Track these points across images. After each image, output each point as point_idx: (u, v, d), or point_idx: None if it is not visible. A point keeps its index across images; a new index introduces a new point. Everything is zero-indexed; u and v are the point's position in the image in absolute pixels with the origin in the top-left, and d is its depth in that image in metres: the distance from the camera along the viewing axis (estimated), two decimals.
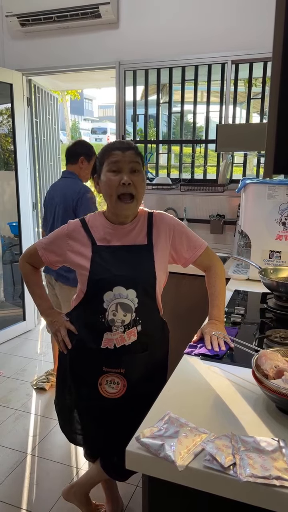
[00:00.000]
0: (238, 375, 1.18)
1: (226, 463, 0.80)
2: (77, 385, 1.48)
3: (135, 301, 1.35)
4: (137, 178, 1.33)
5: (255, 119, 3.25)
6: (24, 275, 1.56)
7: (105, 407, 1.44)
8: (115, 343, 1.37)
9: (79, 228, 1.42)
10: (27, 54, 3.42)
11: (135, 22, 3.03)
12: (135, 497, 1.89)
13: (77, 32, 3.21)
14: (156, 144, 3.30)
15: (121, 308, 1.35)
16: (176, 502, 0.90)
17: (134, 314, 1.35)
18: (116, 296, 1.34)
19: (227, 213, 3.02)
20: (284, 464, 0.80)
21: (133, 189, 1.32)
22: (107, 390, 1.41)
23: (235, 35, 2.78)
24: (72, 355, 1.47)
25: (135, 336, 1.37)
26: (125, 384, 1.40)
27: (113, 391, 1.41)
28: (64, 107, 14.84)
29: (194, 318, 1.64)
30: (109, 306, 1.35)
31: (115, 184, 1.31)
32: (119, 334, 1.36)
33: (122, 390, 1.41)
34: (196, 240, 1.47)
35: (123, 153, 1.31)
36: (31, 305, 3.79)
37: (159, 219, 1.43)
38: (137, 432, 0.90)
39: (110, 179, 1.31)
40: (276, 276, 1.84)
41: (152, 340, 1.43)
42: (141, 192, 1.35)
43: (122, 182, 1.30)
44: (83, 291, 1.40)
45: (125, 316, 1.35)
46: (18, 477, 2.03)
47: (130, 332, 1.36)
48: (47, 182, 3.96)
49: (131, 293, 1.34)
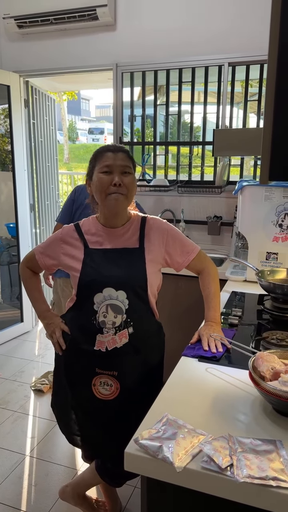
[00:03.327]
0: (235, 376, 1.19)
1: (223, 464, 0.81)
2: (71, 385, 1.50)
3: (125, 303, 1.36)
4: (128, 180, 1.37)
5: (252, 119, 3.26)
6: (23, 279, 1.59)
7: (99, 409, 1.45)
8: (106, 346, 1.38)
9: (72, 232, 1.45)
10: (25, 56, 3.42)
11: (132, 24, 3.04)
12: (133, 498, 1.90)
13: (75, 34, 3.22)
14: (154, 146, 3.31)
15: (111, 310, 1.36)
16: (174, 503, 0.91)
17: (125, 316, 1.37)
18: (106, 298, 1.36)
19: (224, 214, 3.04)
20: (280, 465, 0.81)
21: (124, 189, 1.35)
22: (100, 391, 1.43)
23: (232, 37, 2.80)
24: (67, 356, 1.48)
25: (126, 338, 1.38)
26: (118, 387, 1.41)
27: (106, 393, 1.42)
28: (61, 107, 14.83)
29: (191, 320, 1.65)
30: (99, 308, 1.37)
31: (106, 184, 1.34)
32: (110, 336, 1.37)
33: (115, 392, 1.42)
34: (189, 244, 1.49)
35: (114, 155, 1.35)
36: (29, 306, 3.78)
37: (152, 223, 1.46)
38: (136, 434, 0.91)
39: (101, 179, 1.35)
40: (273, 278, 1.86)
41: (145, 343, 1.43)
42: (131, 193, 1.39)
43: (114, 183, 1.33)
44: (75, 293, 1.43)
45: (116, 318, 1.36)
46: (17, 478, 2.03)
47: (122, 334, 1.37)
48: (44, 183, 3.96)
49: (121, 295, 1.36)
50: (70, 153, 16.64)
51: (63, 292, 2.61)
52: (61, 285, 2.61)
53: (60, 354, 1.49)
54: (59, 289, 2.63)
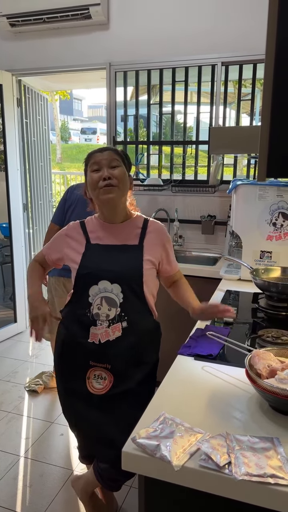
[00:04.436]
0: (232, 374, 1.19)
1: (221, 462, 0.81)
2: (65, 379, 1.52)
3: (120, 296, 1.40)
4: (117, 171, 1.42)
5: (245, 120, 3.28)
6: (29, 269, 1.63)
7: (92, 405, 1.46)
8: (99, 338, 1.41)
9: (77, 228, 1.53)
10: (17, 55, 3.40)
11: (125, 23, 3.04)
12: (129, 498, 1.90)
13: (68, 33, 3.21)
14: (147, 145, 3.31)
15: (105, 302, 1.40)
16: (172, 502, 0.91)
17: (119, 309, 1.40)
18: (101, 290, 1.40)
19: (218, 213, 3.04)
20: (278, 462, 0.81)
21: (115, 181, 1.41)
22: (94, 385, 1.45)
23: (225, 37, 2.80)
24: (64, 349, 1.51)
25: (119, 332, 1.40)
26: (112, 380, 1.43)
27: (99, 387, 1.44)
28: (53, 107, 14.78)
29: (184, 320, 1.65)
30: (94, 300, 1.41)
31: (97, 180, 1.41)
32: (103, 329, 1.40)
33: (108, 386, 1.44)
34: (174, 259, 1.60)
35: (101, 153, 1.44)
36: (23, 306, 3.77)
37: (154, 226, 1.52)
38: (133, 433, 0.91)
39: (92, 177, 1.42)
40: (267, 276, 1.87)
41: (139, 339, 1.44)
42: (123, 183, 1.43)
43: (103, 177, 1.40)
44: (72, 286, 1.47)
45: (110, 311, 1.40)
46: (11, 480, 2.02)
47: (115, 328, 1.40)
48: (37, 183, 3.94)
49: (115, 288, 1.40)
50: (62, 153, 16.58)
51: (55, 291, 2.61)
52: (53, 283, 2.61)
53: (35, 341, 1.53)
54: (52, 288, 2.64)
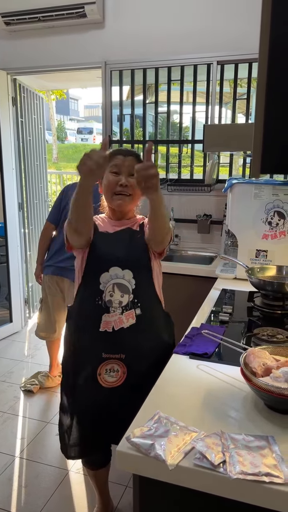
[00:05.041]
0: (227, 373, 1.19)
1: (216, 461, 0.80)
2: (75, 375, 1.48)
3: (132, 282, 1.40)
4: (134, 181, 1.38)
5: (241, 119, 3.28)
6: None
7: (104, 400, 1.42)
8: (113, 325, 1.38)
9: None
10: (12, 54, 3.38)
11: (120, 22, 3.03)
12: (125, 498, 1.89)
13: (63, 32, 3.19)
14: (143, 145, 3.30)
15: (118, 289, 1.39)
16: (167, 501, 0.90)
17: (132, 296, 1.39)
18: (112, 277, 1.39)
19: (214, 212, 3.04)
20: (273, 461, 0.81)
21: (130, 190, 1.44)
22: (106, 379, 1.42)
23: (220, 36, 2.80)
24: (74, 343, 1.48)
25: (133, 319, 1.39)
26: (125, 371, 1.41)
27: (112, 380, 1.42)
28: (49, 106, 14.74)
29: (181, 318, 1.64)
30: (106, 287, 1.39)
31: (113, 184, 1.43)
32: (117, 316, 1.39)
33: (122, 378, 1.41)
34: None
35: (124, 157, 1.45)
36: (18, 306, 3.75)
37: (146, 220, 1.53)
38: (128, 432, 0.90)
39: (109, 179, 1.44)
40: (263, 275, 1.87)
41: (153, 326, 1.45)
42: (137, 193, 1.46)
43: (120, 183, 1.43)
44: (80, 275, 1.45)
45: (123, 297, 1.39)
46: (7, 480, 2.01)
47: (128, 314, 1.39)
48: (33, 182, 3.93)
49: (127, 274, 1.39)
50: (59, 152, 16.54)
51: (49, 289, 2.61)
52: (47, 282, 2.61)
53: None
54: (45, 286, 2.64)
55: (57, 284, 2.59)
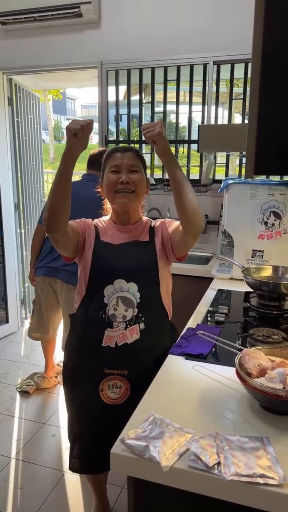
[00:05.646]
0: (222, 374, 1.18)
1: (210, 463, 0.80)
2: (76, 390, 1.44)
3: (137, 296, 1.35)
4: (136, 177, 1.39)
5: (237, 119, 3.28)
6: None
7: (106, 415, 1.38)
8: (116, 341, 1.34)
9: (91, 224, 1.48)
10: (8, 53, 3.37)
11: (116, 21, 3.02)
12: (121, 499, 1.89)
13: (59, 32, 3.18)
14: (139, 144, 3.30)
15: (122, 303, 1.34)
16: (161, 503, 0.90)
17: (136, 310, 1.35)
18: (117, 290, 1.34)
19: (210, 213, 3.04)
20: (267, 462, 0.81)
21: (132, 186, 1.39)
22: (109, 396, 1.37)
23: (217, 36, 2.80)
24: (75, 357, 1.44)
25: (137, 335, 1.35)
26: (129, 388, 1.36)
27: (115, 397, 1.37)
28: (46, 106, 14.72)
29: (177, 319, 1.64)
30: (110, 301, 1.34)
31: (114, 182, 1.38)
32: (120, 331, 1.34)
33: (125, 394, 1.37)
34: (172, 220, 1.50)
35: (122, 154, 1.40)
36: (14, 307, 3.74)
37: (158, 221, 1.50)
38: (122, 434, 0.90)
39: (110, 178, 1.39)
40: (259, 275, 1.87)
41: (158, 341, 1.40)
42: (140, 189, 1.41)
43: (120, 181, 1.37)
44: (84, 286, 1.40)
45: (127, 312, 1.34)
46: (2, 482, 2.00)
47: (132, 330, 1.34)
48: (29, 182, 3.91)
49: (132, 287, 1.34)
50: (55, 152, 16.50)
51: (42, 290, 2.61)
52: (40, 283, 2.60)
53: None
54: (38, 288, 2.63)
55: (50, 285, 2.58)
